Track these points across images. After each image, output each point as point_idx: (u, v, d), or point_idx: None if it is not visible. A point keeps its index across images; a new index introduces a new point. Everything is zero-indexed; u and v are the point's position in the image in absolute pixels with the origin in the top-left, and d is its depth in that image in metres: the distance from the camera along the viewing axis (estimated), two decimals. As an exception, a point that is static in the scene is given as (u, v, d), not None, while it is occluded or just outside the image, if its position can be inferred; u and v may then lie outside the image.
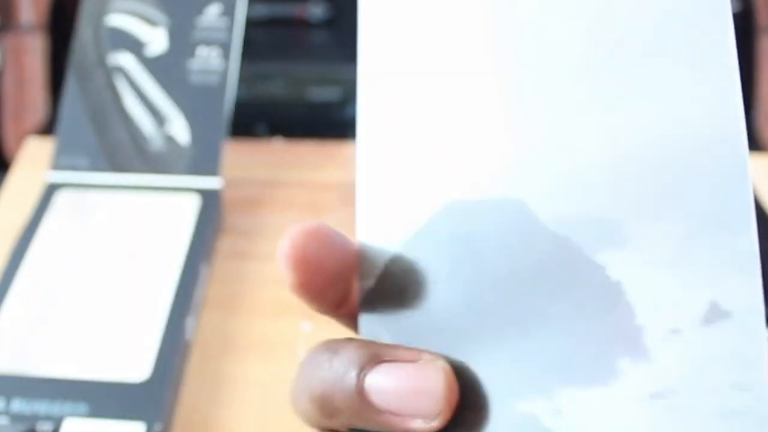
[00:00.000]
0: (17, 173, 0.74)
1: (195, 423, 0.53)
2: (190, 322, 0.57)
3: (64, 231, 0.64)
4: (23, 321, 0.57)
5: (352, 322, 0.26)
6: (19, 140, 0.88)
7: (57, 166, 0.68)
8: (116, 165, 0.67)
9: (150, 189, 0.66)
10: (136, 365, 0.54)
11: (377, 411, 0.23)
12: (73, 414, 0.51)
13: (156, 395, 0.52)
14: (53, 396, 0.51)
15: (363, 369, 0.23)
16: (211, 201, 0.65)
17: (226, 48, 0.69)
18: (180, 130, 0.68)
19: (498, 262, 0.23)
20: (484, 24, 0.24)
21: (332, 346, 0.24)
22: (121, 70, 0.70)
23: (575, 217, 0.22)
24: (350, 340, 0.25)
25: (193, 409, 0.54)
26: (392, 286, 0.25)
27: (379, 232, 0.25)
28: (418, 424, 0.22)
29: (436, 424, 0.22)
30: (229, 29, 0.70)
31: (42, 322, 0.57)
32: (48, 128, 0.98)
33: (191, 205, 0.65)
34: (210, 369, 0.57)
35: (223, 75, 0.69)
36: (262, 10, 1.14)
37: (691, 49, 0.22)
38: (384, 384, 0.23)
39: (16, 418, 0.50)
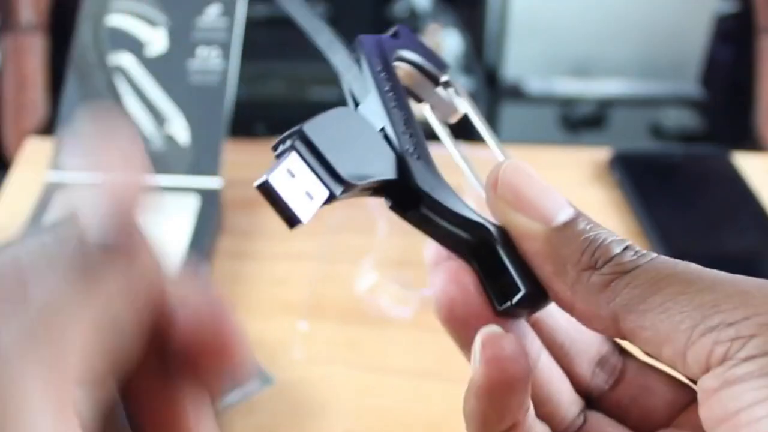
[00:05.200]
0: (17, 173, 0.74)
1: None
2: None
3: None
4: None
5: None
6: (19, 140, 0.88)
7: (57, 166, 0.68)
8: (116, 165, 0.67)
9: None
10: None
11: None
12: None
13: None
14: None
15: None
16: (211, 201, 0.66)
17: (226, 48, 0.69)
18: (180, 130, 0.68)
19: None
20: None
21: None
22: (121, 70, 0.70)
23: None
24: None
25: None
26: None
27: None
28: None
29: None
30: (229, 29, 0.70)
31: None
32: (48, 128, 0.98)
33: (191, 205, 0.66)
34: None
35: (223, 75, 0.69)
36: (262, 10, 1.14)
37: None
38: None
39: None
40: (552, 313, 0.26)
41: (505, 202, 0.24)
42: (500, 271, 0.24)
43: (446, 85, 0.29)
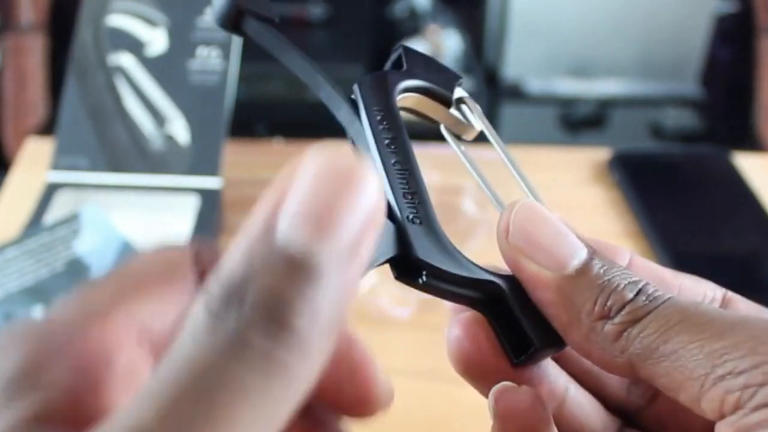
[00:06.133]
0: (17, 173, 0.74)
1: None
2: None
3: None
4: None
5: None
6: (19, 140, 0.88)
7: (57, 166, 0.68)
8: (116, 165, 0.67)
9: (150, 189, 0.67)
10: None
11: None
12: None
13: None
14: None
15: None
16: (211, 201, 0.66)
17: (226, 48, 0.70)
18: (180, 130, 0.68)
19: None
20: None
21: None
22: (121, 70, 0.70)
23: None
24: None
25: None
26: None
27: None
28: None
29: None
30: (229, 29, 0.70)
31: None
32: (48, 128, 0.99)
33: (191, 205, 0.66)
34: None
35: (223, 75, 0.69)
36: (262, 10, 1.13)
37: None
38: None
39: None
40: None
41: (517, 250, 0.24)
42: (514, 325, 0.24)
43: (459, 102, 0.28)
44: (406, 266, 0.23)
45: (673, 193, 0.72)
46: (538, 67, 1.16)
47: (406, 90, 0.27)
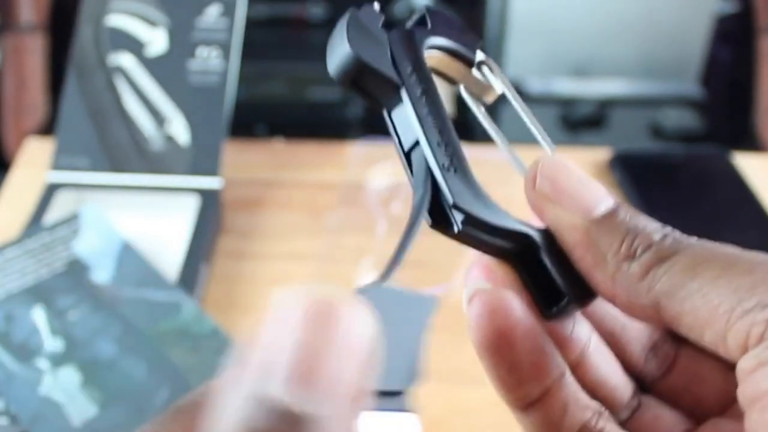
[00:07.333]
0: (17, 173, 0.74)
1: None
2: (189, 322, 0.57)
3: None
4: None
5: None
6: (19, 140, 0.88)
7: (57, 166, 0.68)
8: (116, 165, 0.67)
9: (150, 189, 0.66)
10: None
11: None
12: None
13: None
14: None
15: None
16: (211, 201, 0.66)
17: (226, 48, 0.70)
18: (180, 130, 0.68)
19: None
20: None
21: None
22: (121, 70, 0.70)
23: None
24: None
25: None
26: None
27: None
28: None
29: None
30: (229, 29, 0.70)
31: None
32: (48, 128, 0.98)
33: (191, 205, 0.66)
34: (210, 369, 0.57)
35: (223, 75, 0.69)
36: (262, 10, 1.14)
37: None
38: None
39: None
40: (602, 302, 0.26)
41: (544, 197, 0.24)
42: (545, 277, 0.24)
43: (481, 64, 0.28)
44: (442, 214, 0.23)
45: (673, 193, 0.71)
46: (538, 67, 1.16)
47: (432, 47, 0.27)
